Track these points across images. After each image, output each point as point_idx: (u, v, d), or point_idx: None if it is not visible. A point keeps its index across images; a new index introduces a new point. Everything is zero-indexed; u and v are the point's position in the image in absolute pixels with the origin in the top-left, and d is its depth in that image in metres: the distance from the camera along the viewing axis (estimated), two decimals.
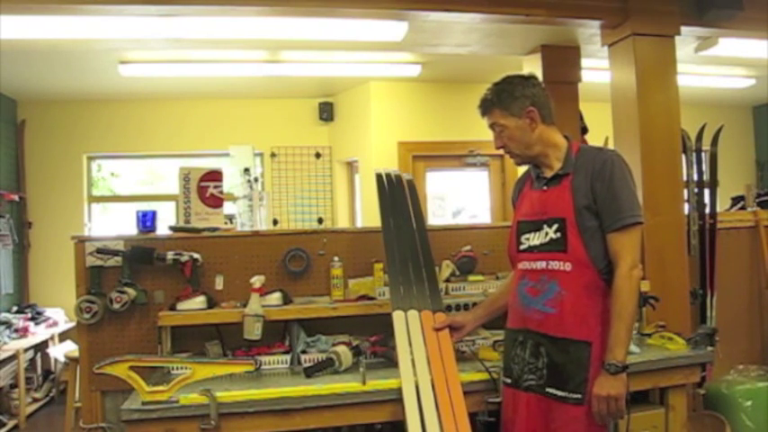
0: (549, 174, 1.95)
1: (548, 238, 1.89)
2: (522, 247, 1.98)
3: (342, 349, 2.40)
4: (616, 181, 1.84)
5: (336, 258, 2.71)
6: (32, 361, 4.97)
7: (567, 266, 1.84)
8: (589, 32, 3.42)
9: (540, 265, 1.90)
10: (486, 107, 1.97)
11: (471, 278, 2.75)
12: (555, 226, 1.87)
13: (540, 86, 1.97)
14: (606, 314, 1.83)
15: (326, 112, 5.87)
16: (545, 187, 1.95)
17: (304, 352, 2.55)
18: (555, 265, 1.86)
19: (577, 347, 1.81)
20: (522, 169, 2.21)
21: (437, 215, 5.47)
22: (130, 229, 2.76)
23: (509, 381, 1.98)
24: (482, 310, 2.23)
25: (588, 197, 1.84)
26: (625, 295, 1.80)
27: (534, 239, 1.93)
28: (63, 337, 5.05)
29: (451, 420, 1.88)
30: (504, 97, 1.93)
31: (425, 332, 2.18)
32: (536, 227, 1.93)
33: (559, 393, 1.82)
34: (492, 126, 1.98)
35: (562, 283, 1.84)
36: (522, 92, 1.93)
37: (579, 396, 1.79)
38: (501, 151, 2.04)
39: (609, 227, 1.83)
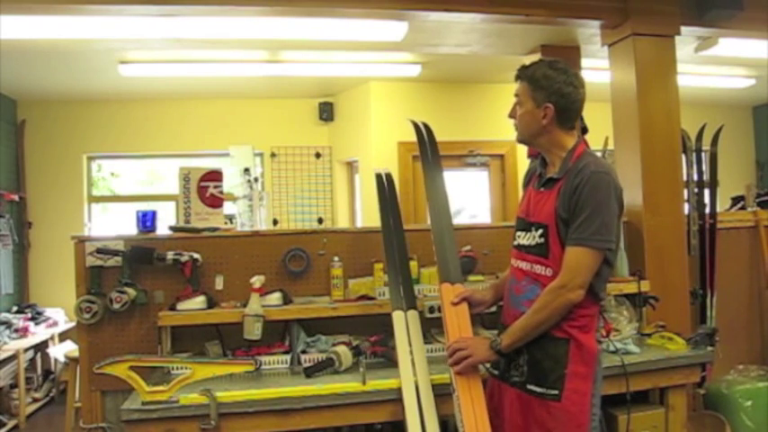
0: (549, 174, 1.94)
1: (534, 242, 1.89)
2: (515, 243, 2.00)
3: (342, 349, 2.40)
4: (583, 202, 1.78)
5: (336, 258, 2.71)
6: (32, 361, 4.96)
7: (548, 272, 1.84)
8: (589, 32, 3.42)
9: (526, 266, 1.91)
10: (519, 76, 1.95)
11: (471, 278, 2.75)
12: (540, 231, 1.87)
13: (576, 89, 1.90)
14: (582, 319, 1.82)
15: (326, 112, 5.87)
16: (541, 188, 1.94)
17: (304, 352, 2.55)
18: (538, 269, 1.87)
19: (555, 344, 1.82)
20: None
21: None
22: (130, 229, 2.76)
23: (495, 373, 1.98)
24: (496, 291, 2.15)
25: (566, 211, 1.81)
26: (542, 305, 1.79)
27: (524, 239, 1.94)
28: (63, 337, 5.04)
29: (469, 401, 1.85)
30: (538, 78, 1.89)
31: (444, 306, 2.09)
32: (526, 227, 1.94)
33: (538, 390, 1.83)
34: (515, 95, 1.96)
35: (542, 287, 1.84)
36: (552, 85, 1.87)
37: (556, 392, 1.79)
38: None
39: (568, 240, 1.80)
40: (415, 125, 2.56)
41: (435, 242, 2.26)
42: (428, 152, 2.54)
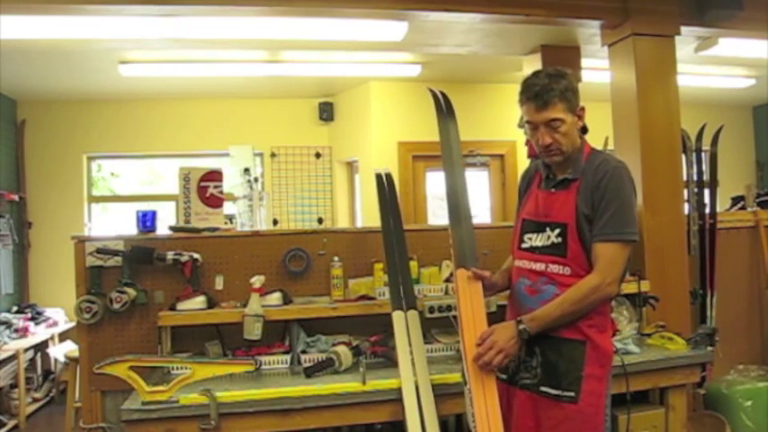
0: (559, 176, 1.92)
1: (549, 242, 1.88)
2: (524, 245, 1.97)
3: (342, 349, 2.41)
4: (610, 195, 1.80)
5: (336, 258, 2.72)
6: (32, 361, 4.96)
7: (566, 271, 1.84)
8: (589, 32, 3.42)
9: (540, 266, 1.90)
10: (550, 100, 1.81)
11: None
12: (557, 230, 1.86)
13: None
14: (598, 317, 1.83)
15: (326, 112, 5.87)
16: (553, 189, 1.92)
17: (304, 352, 2.55)
18: (554, 268, 1.86)
19: (571, 346, 1.81)
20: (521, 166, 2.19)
21: (437, 215, 5.47)
22: (130, 229, 2.76)
23: (504, 377, 1.97)
24: (504, 278, 2.11)
25: (588, 207, 1.82)
26: (579, 297, 1.78)
27: (536, 240, 1.93)
28: (63, 337, 5.04)
29: (481, 394, 1.80)
30: (567, 90, 1.84)
31: (459, 294, 1.97)
32: (539, 228, 1.92)
33: (553, 392, 1.82)
34: (549, 122, 1.82)
35: (560, 287, 1.83)
36: (577, 88, 1.87)
37: (572, 394, 1.79)
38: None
39: (594, 237, 1.81)
40: (433, 94, 2.41)
41: (451, 225, 2.16)
42: (447, 127, 2.36)
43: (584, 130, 1.98)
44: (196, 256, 2.63)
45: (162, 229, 2.82)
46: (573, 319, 1.80)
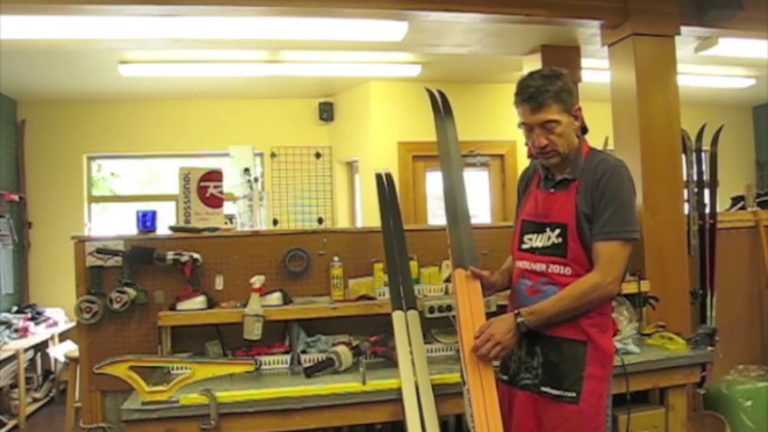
0: (558, 176, 1.92)
1: (550, 242, 1.88)
2: (524, 246, 1.97)
3: (342, 349, 2.41)
4: (610, 194, 1.80)
5: (336, 258, 2.72)
6: (32, 361, 4.96)
7: (567, 271, 1.84)
8: (589, 32, 3.42)
9: (540, 267, 1.90)
10: (545, 102, 1.80)
11: None
12: (557, 231, 1.86)
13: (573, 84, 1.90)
14: (599, 317, 1.83)
15: (326, 112, 5.87)
16: (552, 189, 1.92)
17: (304, 352, 2.55)
18: (555, 269, 1.86)
19: (572, 346, 1.81)
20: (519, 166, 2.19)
21: (437, 215, 5.47)
22: (130, 229, 2.76)
23: (505, 378, 1.97)
24: (504, 277, 2.10)
25: (588, 206, 1.82)
26: (580, 294, 1.78)
27: (536, 241, 1.92)
28: (63, 337, 5.04)
29: (480, 394, 1.77)
30: (562, 90, 1.83)
31: (458, 294, 1.95)
32: (539, 228, 1.92)
33: (554, 392, 1.82)
34: (544, 123, 1.82)
35: (561, 287, 1.83)
36: (572, 88, 1.86)
37: (574, 395, 1.79)
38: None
39: (594, 236, 1.81)
40: (430, 94, 2.39)
41: (449, 225, 2.13)
42: (444, 126, 2.32)
43: (584, 129, 1.97)
44: (196, 256, 2.63)
45: (162, 229, 2.82)
46: (571, 316, 1.80)
